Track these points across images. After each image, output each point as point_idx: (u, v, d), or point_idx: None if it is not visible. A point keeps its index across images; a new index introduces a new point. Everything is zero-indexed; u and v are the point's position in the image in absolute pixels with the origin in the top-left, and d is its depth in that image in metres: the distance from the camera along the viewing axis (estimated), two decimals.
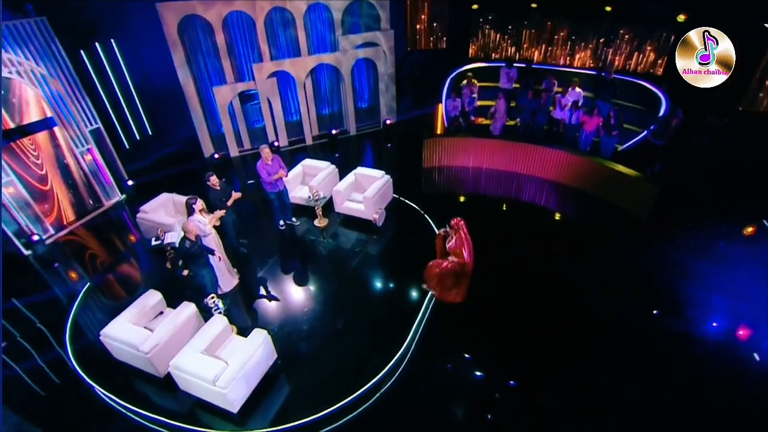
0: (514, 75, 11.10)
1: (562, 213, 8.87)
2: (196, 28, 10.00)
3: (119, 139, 10.20)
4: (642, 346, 5.75)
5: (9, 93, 7.81)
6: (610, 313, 6.23)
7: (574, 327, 6.04)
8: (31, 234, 8.07)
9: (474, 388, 5.35)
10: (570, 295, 6.58)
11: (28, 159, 8.24)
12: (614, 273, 6.98)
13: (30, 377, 5.78)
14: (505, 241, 7.69)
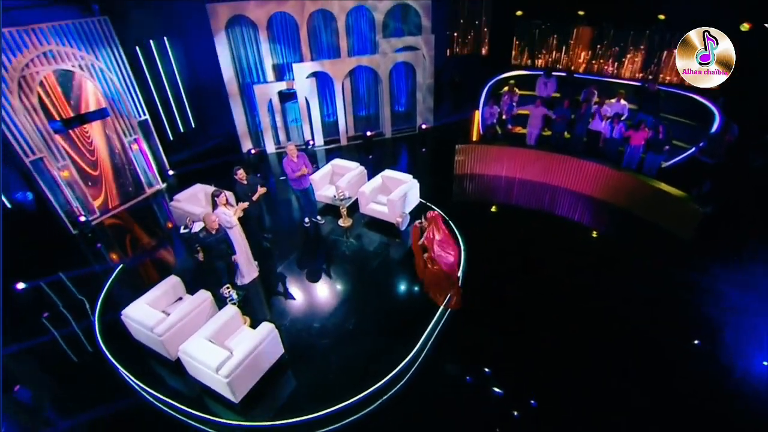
0: (552, 85, 10.67)
1: (596, 228, 8.43)
2: (241, 28, 10.41)
3: (164, 131, 10.78)
4: (670, 371, 5.38)
5: (71, 84, 8.46)
6: (638, 332, 5.88)
7: (598, 343, 5.77)
8: (79, 215, 8.68)
9: (485, 399, 5.15)
10: (597, 310, 6.28)
11: (83, 146, 8.88)
12: (647, 293, 6.58)
13: (66, 343, 6.25)
14: (534, 253, 7.48)
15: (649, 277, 6.96)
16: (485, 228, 8.41)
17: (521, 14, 11.39)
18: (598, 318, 6.16)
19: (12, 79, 7.62)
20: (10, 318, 6.83)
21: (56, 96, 8.27)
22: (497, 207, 9.05)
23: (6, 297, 7.16)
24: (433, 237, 6.03)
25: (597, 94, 9.74)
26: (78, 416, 5.24)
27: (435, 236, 6.04)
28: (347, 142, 12.20)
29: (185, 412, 5.08)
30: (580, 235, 8.20)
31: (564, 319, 6.16)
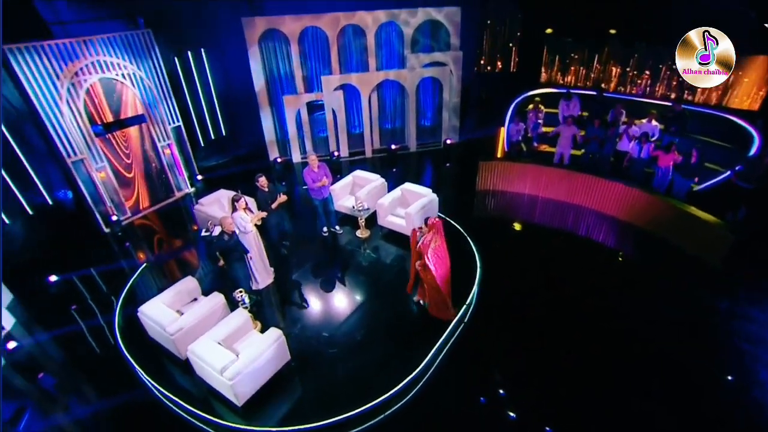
0: (575, 105, 10.46)
1: (620, 250, 8.15)
2: (274, 41, 10.79)
3: (196, 137, 11.22)
4: (696, 395, 5.19)
5: (113, 91, 8.99)
6: (662, 355, 5.68)
7: (620, 365, 5.59)
8: (111, 214, 9.12)
9: (498, 420, 5.00)
10: (620, 332, 6.11)
11: (120, 149, 9.37)
12: (672, 316, 6.37)
13: (90, 335, 6.61)
14: (555, 272, 7.33)
15: (674, 300, 6.69)
16: (506, 245, 8.28)
17: (551, 32, 11.27)
18: (620, 340, 5.96)
19: (62, 85, 8.16)
20: (43, 307, 7.24)
21: (99, 102, 8.80)
22: (519, 224, 8.89)
23: (40, 288, 7.58)
24: (429, 243, 5.90)
25: (625, 114, 9.45)
26: (89, 405, 5.48)
27: (432, 243, 5.90)
28: (372, 155, 12.32)
29: (190, 411, 5.17)
30: (604, 256, 7.96)
31: (585, 339, 6.00)
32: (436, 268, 5.89)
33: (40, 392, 5.86)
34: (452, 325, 6.21)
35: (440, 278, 5.99)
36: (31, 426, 5.28)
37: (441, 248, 6.01)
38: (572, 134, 9.57)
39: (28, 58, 7.68)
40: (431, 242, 5.87)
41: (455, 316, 6.32)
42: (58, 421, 5.35)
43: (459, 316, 6.37)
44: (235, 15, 10.30)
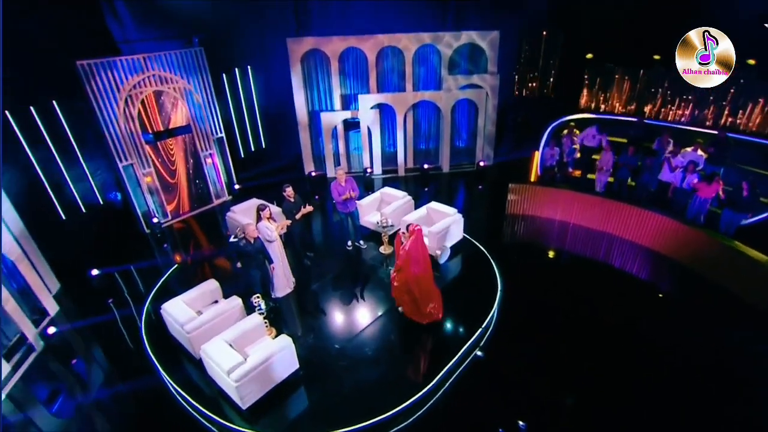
0: (600, 139, 10.14)
1: (654, 283, 7.69)
2: (315, 60, 11.28)
3: (237, 148, 11.81)
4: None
5: (165, 103, 9.71)
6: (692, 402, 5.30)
7: (640, 403, 5.25)
8: (153, 216, 9.73)
9: None
10: (645, 369, 5.78)
11: (166, 156, 10.04)
12: (706, 355, 5.96)
13: (123, 325, 7.09)
14: (581, 301, 7.04)
15: (713, 340, 6.26)
16: (531, 269, 8.04)
17: (591, 57, 11.01)
18: (648, 378, 5.61)
19: (122, 96, 8.93)
20: (84, 298, 7.80)
21: (152, 112, 9.52)
22: (547, 250, 8.62)
23: (83, 280, 8.16)
24: (405, 247, 6.08)
25: (672, 143, 8.99)
26: (107, 390, 5.86)
27: (407, 247, 6.06)
28: (404, 173, 12.42)
29: (196, 408, 5.34)
30: (636, 288, 7.55)
31: (607, 373, 5.71)
32: (409, 268, 6.09)
33: (73, 376, 6.29)
34: (466, 347, 6.06)
35: (413, 280, 6.13)
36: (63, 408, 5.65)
37: (418, 252, 6.09)
38: (612, 160, 9.23)
39: (97, 72, 8.47)
40: (407, 246, 6.05)
41: (430, 320, 6.45)
42: (79, 402, 5.70)
43: (474, 339, 6.20)
44: (282, 35, 10.89)
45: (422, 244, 6.19)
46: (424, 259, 6.20)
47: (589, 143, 10.25)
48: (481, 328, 6.40)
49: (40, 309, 7.33)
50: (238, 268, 6.47)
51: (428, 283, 6.33)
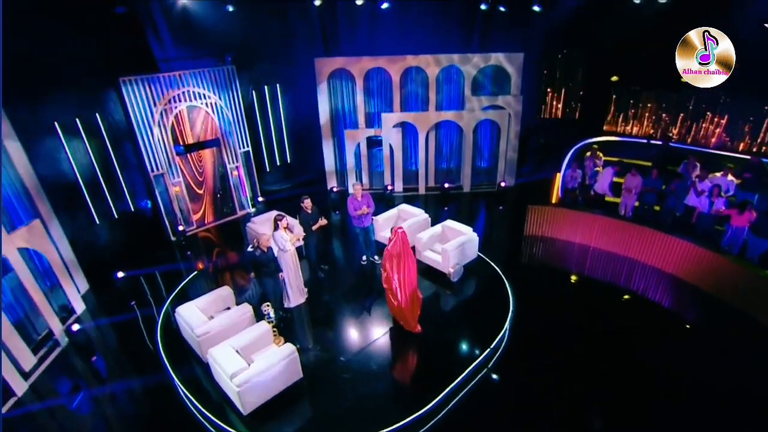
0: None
1: (677, 312, 7.35)
2: (341, 79, 11.64)
3: (263, 162, 12.23)
4: None
5: (196, 117, 10.24)
6: None
7: None
8: (179, 224, 10.15)
9: None
10: (664, 399, 5.51)
11: (195, 168, 10.53)
12: (729, 386, 5.63)
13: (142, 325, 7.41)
14: (598, 327, 6.83)
15: (739, 372, 5.92)
16: (547, 292, 7.85)
17: (617, 79, 10.84)
18: (667, 409, 5.35)
19: (157, 110, 9.49)
20: (109, 299, 8.18)
21: (184, 125, 10.05)
22: (564, 273, 8.41)
23: (110, 281, 8.57)
24: (392, 251, 6.26)
25: (700, 167, 8.67)
26: (121, 386, 6.15)
27: (389, 248, 6.28)
28: (425, 192, 12.47)
29: (199, 410, 5.47)
30: (656, 315, 7.24)
31: (620, 402, 5.48)
32: (394, 274, 6.25)
33: (91, 372, 6.59)
34: (472, 367, 5.95)
35: (398, 282, 6.29)
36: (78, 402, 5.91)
37: (401, 253, 6.25)
38: (640, 184, 8.98)
39: (137, 87, 9.08)
40: (394, 250, 6.21)
41: (414, 329, 6.57)
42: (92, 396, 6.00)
43: (483, 359, 6.09)
44: (310, 55, 11.33)
45: (406, 245, 6.32)
46: (409, 261, 6.33)
47: (599, 189, 9.69)
48: (490, 348, 6.27)
49: (68, 307, 7.74)
50: (252, 278, 6.64)
51: (412, 287, 6.43)
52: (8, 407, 5.86)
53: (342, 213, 11.41)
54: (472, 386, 5.78)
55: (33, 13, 7.18)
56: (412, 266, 6.39)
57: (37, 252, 7.28)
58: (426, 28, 11.70)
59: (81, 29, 8.04)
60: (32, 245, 7.12)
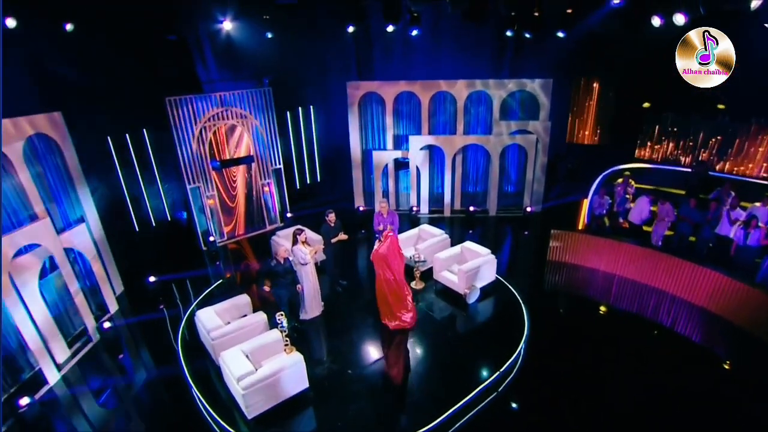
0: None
1: (708, 347, 6.95)
2: (372, 102, 12.06)
3: (294, 180, 12.72)
4: None
5: (233, 135, 10.90)
6: None
7: None
8: (210, 234, 10.70)
9: None
10: None
11: (229, 182, 11.13)
12: None
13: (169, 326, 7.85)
14: (617, 357, 6.56)
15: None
16: (566, 319, 7.63)
17: (648, 106, 10.57)
18: None
19: (198, 127, 10.20)
20: (140, 301, 8.69)
21: (221, 142, 10.71)
22: (585, 300, 8.14)
23: (143, 285, 9.11)
24: (382, 251, 6.76)
25: (734, 195, 8.24)
26: (141, 381, 6.54)
27: (380, 250, 6.77)
28: (450, 214, 12.49)
29: (207, 409, 5.68)
30: (685, 349, 6.87)
31: None
32: (383, 272, 6.78)
33: (116, 367, 7.02)
34: (480, 390, 5.86)
35: (386, 284, 6.84)
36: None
37: (391, 257, 6.76)
38: (672, 212, 8.64)
39: (180, 106, 9.83)
40: (382, 250, 6.73)
41: (399, 326, 7.05)
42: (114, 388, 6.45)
43: (491, 382, 5.97)
44: (343, 78, 11.86)
45: (397, 249, 6.83)
46: (397, 265, 6.84)
47: (635, 219, 9.29)
48: (499, 372, 6.15)
49: (103, 306, 8.30)
50: (269, 288, 6.89)
51: (400, 288, 6.91)
52: (41, 394, 6.31)
53: (368, 231, 11.59)
54: (479, 408, 5.67)
55: (98, 41, 8.02)
56: (399, 267, 6.95)
57: (80, 253, 7.92)
58: (457, 53, 11.99)
59: (136, 54, 8.88)
60: (77, 246, 7.76)
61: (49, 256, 7.06)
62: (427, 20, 10.93)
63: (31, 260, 6.68)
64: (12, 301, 6.25)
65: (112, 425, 5.94)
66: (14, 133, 6.80)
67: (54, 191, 7.60)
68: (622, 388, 5.99)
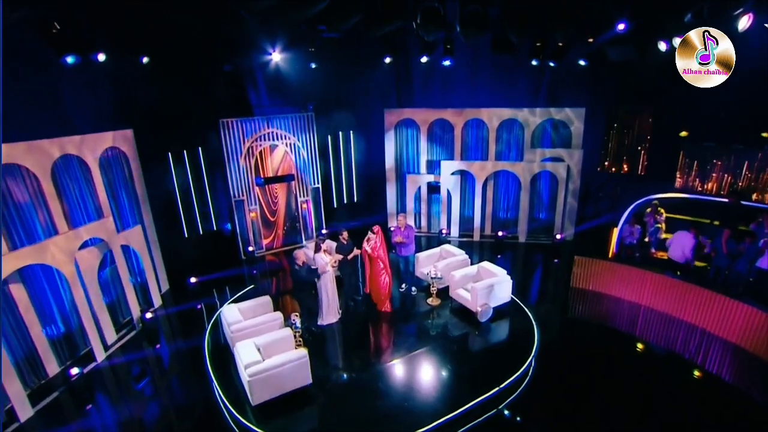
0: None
1: (741, 387, 6.47)
2: (407, 128, 12.68)
3: (331, 199, 13.48)
4: None
5: (276, 155, 11.92)
6: None
7: None
8: (249, 245, 11.61)
9: None
10: None
11: (270, 198, 12.08)
12: None
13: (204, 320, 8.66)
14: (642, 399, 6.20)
15: None
16: (582, 347, 7.45)
17: (686, 135, 10.19)
18: None
19: (245, 146, 11.32)
20: (182, 298, 9.64)
21: (265, 161, 11.75)
22: (606, 330, 7.88)
23: (185, 285, 10.08)
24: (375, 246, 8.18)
25: None
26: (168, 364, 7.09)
27: (377, 243, 8.19)
28: (479, 239, 12.57)
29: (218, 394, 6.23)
30: (717, 389, 6.45)
31: None
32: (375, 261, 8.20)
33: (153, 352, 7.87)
34: (475, 403, 5.95)
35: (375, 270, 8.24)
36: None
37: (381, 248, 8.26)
38: (693, 245, 8.26)
39: (233, 127, 11.01)
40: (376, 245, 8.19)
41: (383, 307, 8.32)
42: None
43: (490, 397, 6.05)
44: (381, 105, 12.63)
45: (383, 242, 8.31)
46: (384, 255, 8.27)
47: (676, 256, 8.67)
48: (498, 387, 6.18)
49: (149, 300, 9.30)
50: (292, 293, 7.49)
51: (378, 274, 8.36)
52: (88, 369, 7.23)
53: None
54: (476, 422, 5.73)
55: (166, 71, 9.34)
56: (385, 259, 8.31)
57: (135, 251, 9.02)
58: (494, 82, 12.34)
59: (197, 81, 10.20)
60: (133, 245, 8.86)
61: (109, 251, 8.15)
62: (466, 50, 11.48)
63: (94, 252, 7.77)
64: (75, 286, 7.30)
65: (141, 398, 6.69)
66: (95, 145, 8.09)
67: (118, 195, 8.82)
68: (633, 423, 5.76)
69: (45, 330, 7.01)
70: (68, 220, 7.47)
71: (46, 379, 6.92)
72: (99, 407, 6.52)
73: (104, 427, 6.24)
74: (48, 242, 6.84)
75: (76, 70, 6.98)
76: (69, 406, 6.51)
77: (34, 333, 6.68)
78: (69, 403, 6.54)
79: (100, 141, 8.22)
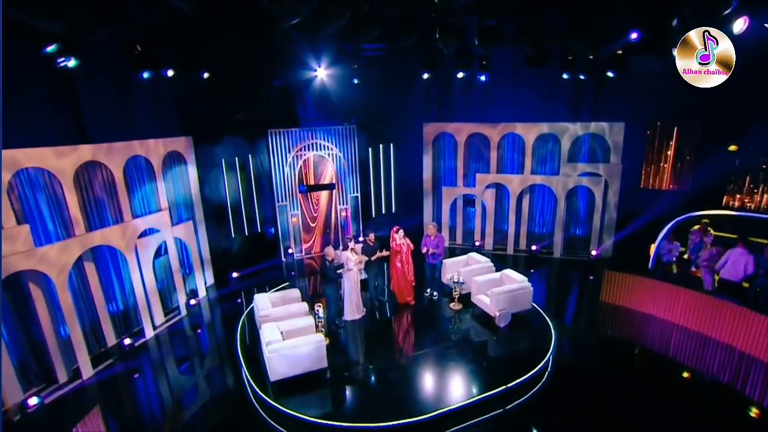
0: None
1: None
2: (445, 141, 13.06)
3: (370, 209, 14.04)
4: None
5: (319, 164, 12.75)
6: None
7: None
8: (289, 248, 12.40)
9: None
10: None
11: (311, 205, 12.87)
12: None
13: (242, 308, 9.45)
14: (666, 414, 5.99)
15: None
16: (602, 359, 7.27)
17: (735, 149, 9.61)
18: None
19: (291, 156, 12.24)
20: (224, 290, 10.53)
21: (308, 169, 12.61)
22: (635, 347, 7.62)
23: (227, 279, 10.99)
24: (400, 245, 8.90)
25: None
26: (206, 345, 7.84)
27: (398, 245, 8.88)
28: (513, 252, 12.50)
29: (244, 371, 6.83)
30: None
31: None
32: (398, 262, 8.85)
33: (194, 335, 8.70)
34: (476, 399, 6.06)
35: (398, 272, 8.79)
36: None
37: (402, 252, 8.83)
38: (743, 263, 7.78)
39: (280, 137, 12.00)
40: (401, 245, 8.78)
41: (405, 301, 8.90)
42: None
43: (498, 392, 6.15)
44: (421, 119, 13.13)
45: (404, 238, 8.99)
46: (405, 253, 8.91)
47: (729, 275, 8.10)
48: (504, 387, 6.24)
49: (194, 290, 10.25)
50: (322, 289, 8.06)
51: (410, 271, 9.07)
52: (139, 343, 8.17)
53: None
54: (480, 419, 5.84)
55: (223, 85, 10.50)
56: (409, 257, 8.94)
57: (185, 245, 10.05)
58: (532, 96, 12.41)
59: (250, 95, 11.31)
60: (184, 238, 9.90)
61: (164, 242, 9.19)
62: (505, 65, 11.76)
63: (151, 241, 8.81)
64: (134, 270, 8.34)
65: (178, 372, 7.49)
66: (159, 149, 9.26)
67: (176, 192, 9.93)
68: None
69: (108, 306, 8.07)
70: (132, 211, 8.58)
71: (105, 348, 7.92)
72: (144, 375, 7.38)
73: (146, 392, 7.06)
74: (115, 228, 7.92)
75: (147, 83, 8.17)
76: (121, 370, 7.44)
77: (99, 307, 7.73)
78: (121, 368, 7.48)
79: (164, 145, 9.39)
